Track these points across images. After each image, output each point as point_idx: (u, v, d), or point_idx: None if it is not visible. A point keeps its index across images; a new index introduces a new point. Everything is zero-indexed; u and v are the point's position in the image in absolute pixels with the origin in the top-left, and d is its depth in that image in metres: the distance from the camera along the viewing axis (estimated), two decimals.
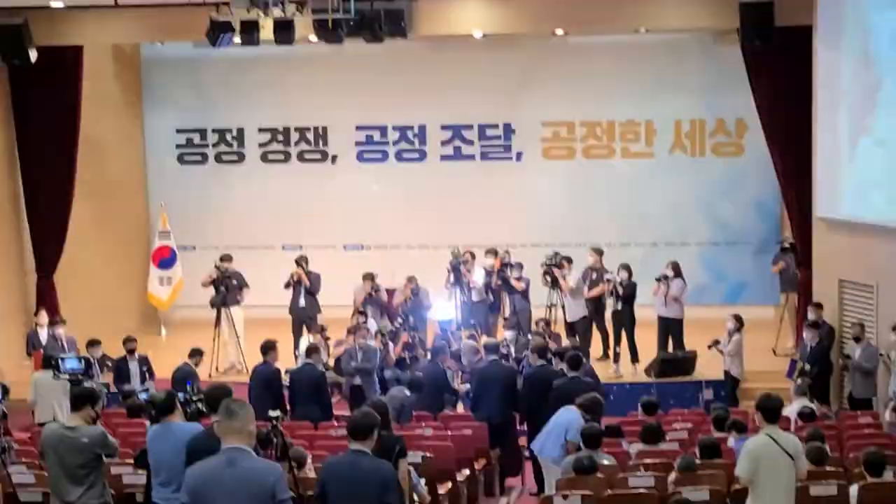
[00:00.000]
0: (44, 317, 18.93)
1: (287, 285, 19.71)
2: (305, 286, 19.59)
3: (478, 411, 15.05)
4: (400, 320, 18.90)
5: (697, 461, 11.54)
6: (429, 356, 16.76)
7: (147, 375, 17.36)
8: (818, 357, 17.01)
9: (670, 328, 18.93)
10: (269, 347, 15.54)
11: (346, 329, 18.38)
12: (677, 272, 18.95)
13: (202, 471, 7.43)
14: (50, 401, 15.90)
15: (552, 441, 12.89)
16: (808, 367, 16.81)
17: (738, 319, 17.60)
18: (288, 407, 15.10)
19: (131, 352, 17.45)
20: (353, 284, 19.98)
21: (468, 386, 16.05)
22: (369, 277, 19.65)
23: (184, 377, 15.32)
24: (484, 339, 17.74)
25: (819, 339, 17.11)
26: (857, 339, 16.79)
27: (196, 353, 16.38)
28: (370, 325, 18.75)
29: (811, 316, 17.57)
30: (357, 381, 17.06)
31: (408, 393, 14.96)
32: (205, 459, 7.58)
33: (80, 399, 10.14)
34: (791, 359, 18.06)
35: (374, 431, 8.48)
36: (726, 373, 17.79)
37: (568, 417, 12.85)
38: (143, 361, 17.49)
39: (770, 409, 9.91)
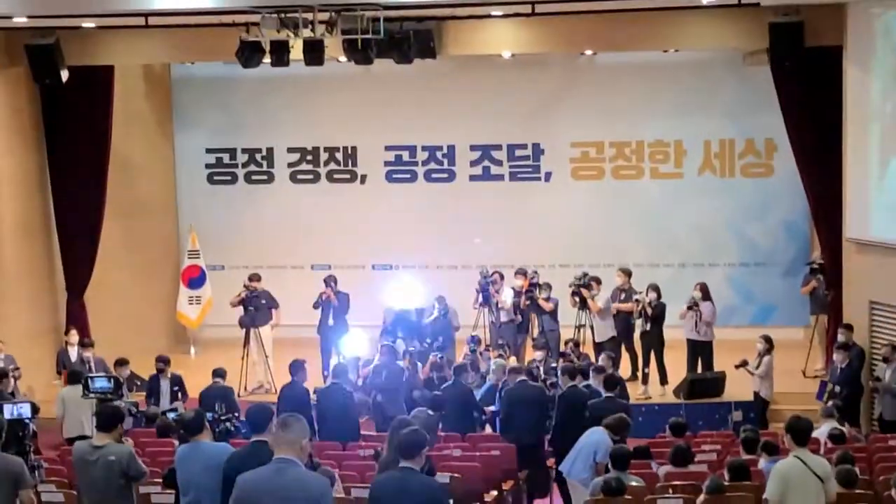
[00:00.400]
0: (74, 336, 18.98)
1: (316, 305, 19.75)
2: (334, 306, 19.62)
3: (508, 432, 15.03)
4: (428, 340, 18.89)
5: (726, 483, 11.49)
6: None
7: (179, 395, 17.42)
8: (848, 379, 16.93)
9: (700, 352, 18.86)
10: (297, 367, 15.54)
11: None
12: (706, 294, 18.89)
13: (251, 478, 7.68)
14: (78, 416, 16.00)
15: (581, 462, 12.88)
16: (837, 389, 16.73)
17: (768, 340, 17.52)
18: (316, 427, 15.08)
19: (161, 371, 17.52)
20: (380, 304, 20.01)
21: (494, 406, 16.04)
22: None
23: (219, 395, 15.36)
24: (512, 360, 17.75)
25: (849, 360, 17.02)
26: (887, 361, 16.67)
27: (220, 374, 16.39)
28: (398, 346, 18.79)
29: (841, 338, 17.47)
30: (380, 397, 17.03)
31: (430, 413, 14.96)
32: (256, 469, 7.80)
33: (109, 419, 10.19)
34: (821, 380, 17.97)
35: (424, 450, 8.57)
36: (756, 394, 17.70)
37: (596, 439, 12.85)
38: (176, 381, 17.55)
39: (800, 431, 9.88)
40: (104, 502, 9.97)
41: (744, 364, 17.55)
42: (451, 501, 11.48)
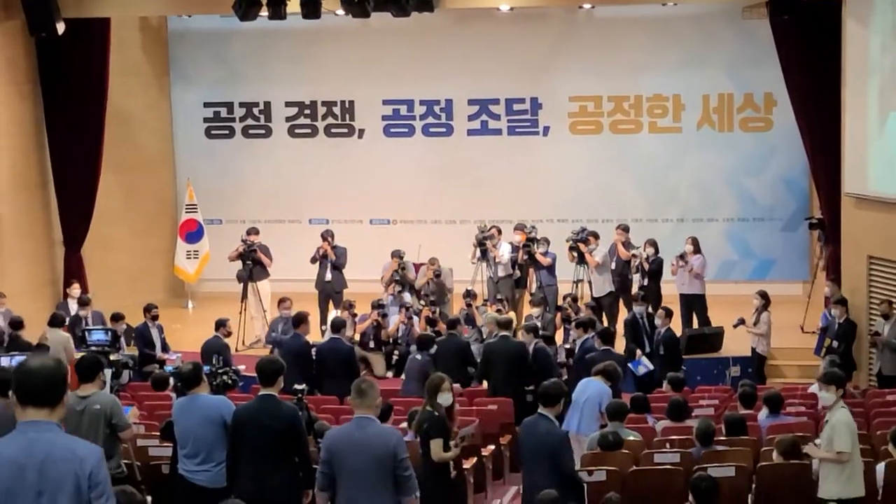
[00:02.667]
0: (76, 288, 18.96)
1: (313, 260, 19.72)
2: (331, 260, 19.60)
3: (486, 385, 15.17)
4: (422, 303, 18.88)
5: (721, 437, 11.55)
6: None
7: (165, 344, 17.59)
8: (847, 333, 16.93)
9: (693, 305, 18.89)
10: (300, 320, 15.61)
11: (371, 304, 18.44)
12: (697, 248, 18.91)
13: (338, 434, 8.86)
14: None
15: (588, 417, 12.81)
16: (835, 343, 16.74)
17: (765, 296, 17.49)
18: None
19: (154, 318, 17.63)
20: (378, 259, 19.99)
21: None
22: (397, 255, 19.59)
23: (212, 350, 15.40)
24: (511, 315, 17.78)
25: (846, 315, 17.01)
26: (886, 317, 16.66)
27: (221, 324, 16.42)
28: (406, 297, 18.79)
29: (828, 291, 17.55)
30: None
31: (419, 357, 15.01)
32: (341, 425, 9.42)
33: (90, 369, 10.19)
34: (819, 333, 17.91)
35: (561, 400, 10.34)
36: (753, 350, 17.69)
37: (597, 389, 12.82)
38: (160, 329, 17.70)
39: (843, 379, 10.37)
40: None
41: (741, 322, 17.55)
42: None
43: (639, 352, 16.77)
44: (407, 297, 18.96)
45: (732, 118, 22.34)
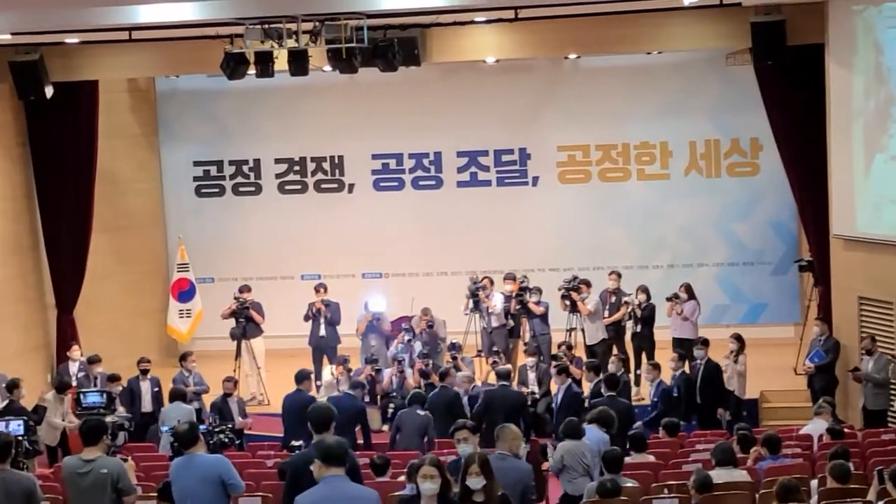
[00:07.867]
0: (76, 351, 18.81)
1: (307, 318, 19.73)
2: (326, 316, 19.60)
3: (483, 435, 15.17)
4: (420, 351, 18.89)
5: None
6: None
7: (160, 396, 17.51)
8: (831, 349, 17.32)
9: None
10: (303, 377, 15.72)
11: (364, 359, 18.52)
12: (690, 294, 18.96)
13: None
14: (49, 420, 16.17)
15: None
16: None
17: (740, 339, 17.50)
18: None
19: (144, 372, 17.70)
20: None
21: None
22: (366, 308, 19.66)
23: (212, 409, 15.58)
24: (507, 367, 17.82)
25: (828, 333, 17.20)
26: (870, 353, 16.66)
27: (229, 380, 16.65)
28: (415, 346, 18.98)
29: (816, 331, 17.61)
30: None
31: (419, 412, 15.00)
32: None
33: (94, 431, 10.14)
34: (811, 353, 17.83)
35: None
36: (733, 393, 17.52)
37: (595, 438, 12.78)
38: (156, 383, 17.70)
39: None
40: None
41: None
42: None
43: None
44: (417, 345, 18.99)
45: (719, 163, 22.47)
